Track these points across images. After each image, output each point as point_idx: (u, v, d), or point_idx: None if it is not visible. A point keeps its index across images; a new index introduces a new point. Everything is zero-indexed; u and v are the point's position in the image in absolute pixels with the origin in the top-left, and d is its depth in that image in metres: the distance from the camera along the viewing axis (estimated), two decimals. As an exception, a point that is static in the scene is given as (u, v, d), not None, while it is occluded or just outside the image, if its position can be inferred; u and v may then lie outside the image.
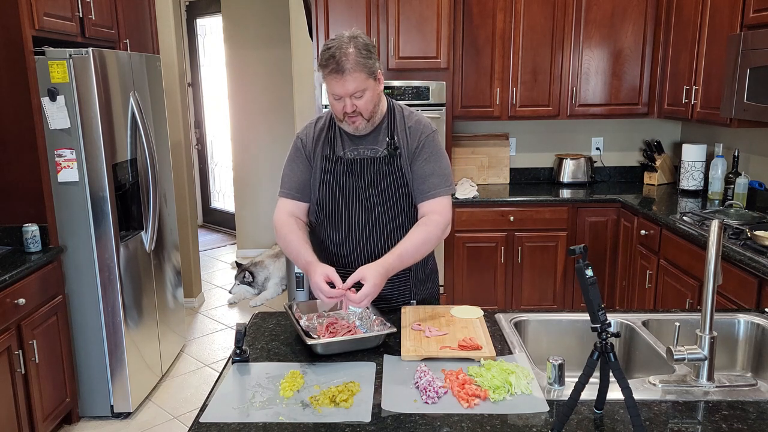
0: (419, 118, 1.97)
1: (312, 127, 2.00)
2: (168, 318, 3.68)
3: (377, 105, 1.88)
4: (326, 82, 1.81)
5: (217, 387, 1.49)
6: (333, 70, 1.76)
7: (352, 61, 1.75)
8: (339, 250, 1.99)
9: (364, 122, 1.86)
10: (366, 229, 1.95)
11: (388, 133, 1.92)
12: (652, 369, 1.65)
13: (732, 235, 2.78)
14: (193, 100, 6.69)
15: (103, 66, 2.93)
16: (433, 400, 1.39)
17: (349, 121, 1.85)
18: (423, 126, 1.95)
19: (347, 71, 1.75)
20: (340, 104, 1.82)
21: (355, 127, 1.87)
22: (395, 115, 1.95)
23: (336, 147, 1.94)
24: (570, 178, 4.32)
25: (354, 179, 1.92)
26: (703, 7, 3.38)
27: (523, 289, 4.02)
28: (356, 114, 1.83)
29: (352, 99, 1.80)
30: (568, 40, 4.00)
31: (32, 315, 2.71)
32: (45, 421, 2.80)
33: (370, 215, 1.93)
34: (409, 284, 2.01)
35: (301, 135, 2.01)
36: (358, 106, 1.81)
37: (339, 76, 1.76)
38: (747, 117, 2.89)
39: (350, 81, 1.77)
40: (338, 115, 1.86)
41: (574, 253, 1.29)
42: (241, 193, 6.05)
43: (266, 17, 5.69)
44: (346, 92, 1.79)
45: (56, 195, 2.91)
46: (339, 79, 1.77)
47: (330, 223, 1.97)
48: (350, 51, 1.75)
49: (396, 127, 1.94)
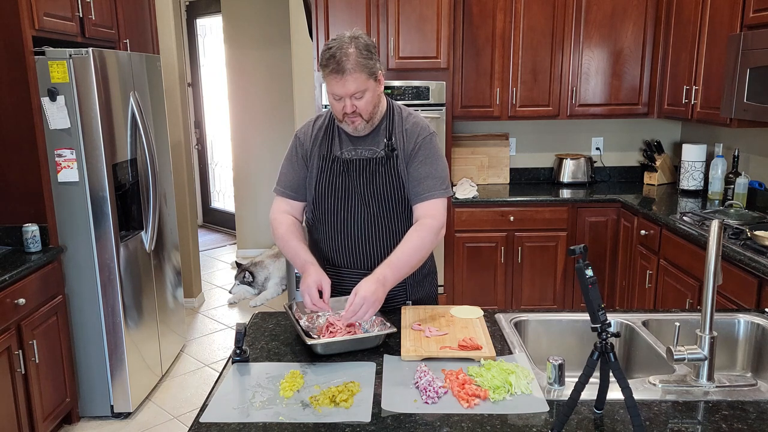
0: (417, 120, 1.96)
1: (311, 126, 2.00)
2: (168, 318, 3.68)
3: (377, 106, 1.88)
4: (326, 82, 1.80)
5: (217, 387, 1.49)
6: (333, 70, 1.75)
7: (353, 62, 1.74)
8: (333, 249, 1.99)
9: (363, 123, 1.86)
10: (361, 230, 1.94)
11: (386, 135, 1.92)
12: (652, 369, 1.65)
13: (732, 235, 2.78)
14: (193, 100, 6.69)
15: (103, 66, 2.93)
16: (433, 400, 1.39)
17: (348, 121, 1.85)
18: (420, 128, 1.93)
19: (347, 71, 1.74)
20: (340, 104, 1.82)
21: (354, 128, 1.87)
22: (394, 116, 1.95)
23: (333, 147, 1.94)
24: (570, 178, 4.32)
25: (350, 179, 1.92)
26: (703, 7, 3.38)
27: (523, 289, 4.02)
28: (356, 115, 1.82)
29: (352, 99, 1.79)
30: (568, 40, 4.00)
31: (32, 315, 2.71)
32: (45, 421, 2.80)
33: (365, 216, 1.93)
34: (405, 285, 2.00)
35: (299, 133, 2.00)
36: (357, 107, 1.81)
37: (339, 76, 1.75)
38: (747, 117, 2.89)
39: (350, 81, 1.76)
40: (338, 115, 1.86)
41: (574, 253, 1.29)
42: (241, 193, 6.05)
43: (266, 17, 5.69)
44: (346, 92, 1.78)
45: (56, 195, 2.92)
46: (339, 80, 1.76)
47: (325, 223, 1.97)
48: (351, 51, 1.75)
49: (394, 128, 1.93)
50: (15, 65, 2.73)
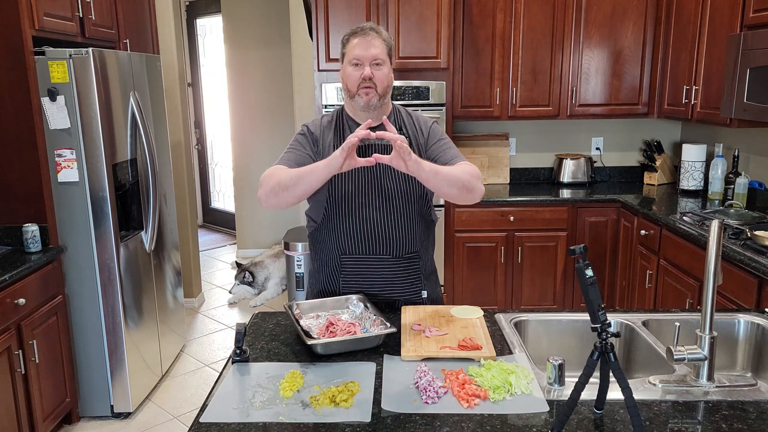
0: (419, 114, 2.07)
1: (319, 120, 2.03)
2: (168, 318, 3.68)
3: (389, 87, 1.94)
4: (348, 50, 1.89)
5: (217, 387, 1.49)
6: (359, 33, 1.88)
7: (378, 32, 1.90)
8: (349, 236, 1.97)
9: (376, 97, 1.89)
10: (381, 218, 1.95)
11: (396, 126, 1.95)
12: (652, 369, 1.65)
13: (732, 235, 2.78)
14: (193, 100, 6.70)
15: (103, 66, 2.93)
16: (433, 400, 1.39)
17: (363, 92, 1.88)
18: (425, 119, 2.05)
19: (373, 35, 1.88)
20: (359, 72, 1.87)
21: (368, 100, 1.88)
22: (400, 111, 2.03)
23: (346, 135, 1.93)
24: (570, 178, 4.32)
25: (368, 168, 1.92)
26: (703, 7, 3.38)
27: (523, 289, 4.02)
28: (372, 84, 1.87)
29: (372, 66, 1.86)
30: (568, 40, 4.00)
31: (32, 315, 2.71)
32: (45, 421, 2.80)
33: (384, 204, 1.94)
34: (420, 274, 2.02)
35: (306, 124, 2.02)
36: (375, 76, 1.86)
37: (365, 37, 1.87)
38: (747, 117, 2.89)
39: (375, 45, 1.87)
40: (354, 84, 1.89)
41: (574, 253, 1.29)
42: (241, 193, 6.06)
43: (266, 17, 5.69)
44: (368, 55, 1.86)
45: (56, 195, 2.92)
46: (364, 41, 1.86)
47: (344, 214, 1.95)
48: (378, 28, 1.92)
49: (403, 121, 2.00)
50: (15, 65, 2.73)
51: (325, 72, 3.77)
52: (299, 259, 4.01)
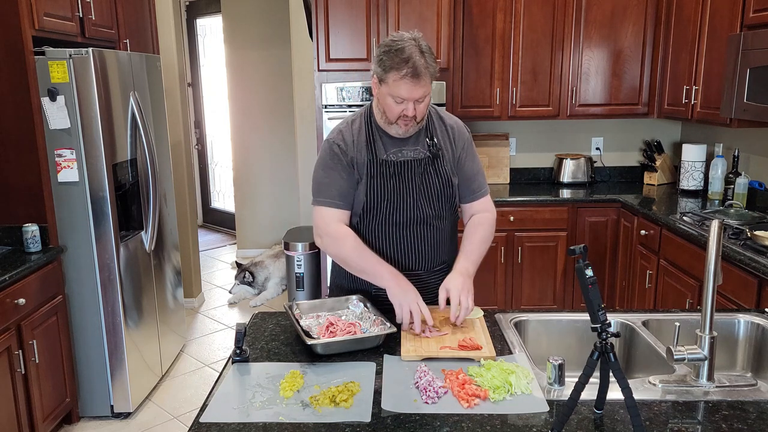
0: (456, 118, 2.04)
1: (348, 131, 1.92)
2: (168, 318, 3.68)
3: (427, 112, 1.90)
4: (392, 85, 1.75)
5: (217, 387, 1.49)
6: (409, 74, 1.72)
7: (425, 67, 1.73)
8: (386, 252, 1.94)
9: (415, 126, 1.86)
10: (415, 230, 1.93)
11: (427, 135, 1.93)
12: (652, 369, 1.65)
13: (732, 235, 2.78)
14: (193, 100, 6.69)
15: (103, 66, 2.93)
16: (433, 400, 1.39)
17: (402, 122, 1.82)
18: (462, 126, 2.03)
19: (422, 76, 1.73)
20: (400, 107, 1.78)
21: (406, 130, 1.85)
22: (431, 117, 1.97)
23: (378, 150, 1.89)
24: (570, 178, 4.32)
25: (401, 181, 1.89)
26: (703, 7, 3.38)
27: (523, 289, 4.02)
28: (413, 118, 1.81)
29: (415, 104, 1.78)
30: (568, 40, 4.00)
31: (32, 315, 2.71)
32: (45, 421, 2.80)
33: (417, 216, 1.92)
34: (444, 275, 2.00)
35: (336, 140, 1.90)
36: (417, 111, 1.80)
37: (414, 81, 1.72)
38: (747, 117, 2.89)
39: (422, 86, 1.74)
40: (393, 117, 1.81)
41: (574, 253, 1.29)
42: (241, 193, 6.05)
43: (266, 17, 5.69)
44: (414, 97, 1.75)
45: (56, 195, 2.91)
46: (413, 84, 1.73)
47: (377, 227, 1.93)
48: (424, 55, 1.74)
49: (435, 128, 1.95)
50: (15, 65, 2.73)
51: (325, 72, 3.77)
52: (299, 259, 4.01)
